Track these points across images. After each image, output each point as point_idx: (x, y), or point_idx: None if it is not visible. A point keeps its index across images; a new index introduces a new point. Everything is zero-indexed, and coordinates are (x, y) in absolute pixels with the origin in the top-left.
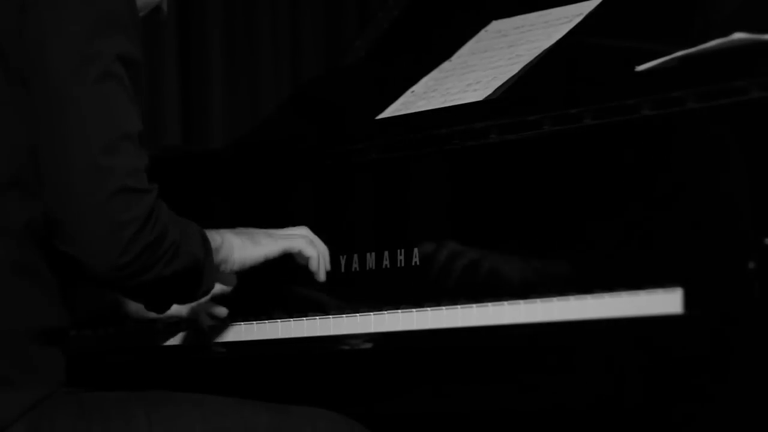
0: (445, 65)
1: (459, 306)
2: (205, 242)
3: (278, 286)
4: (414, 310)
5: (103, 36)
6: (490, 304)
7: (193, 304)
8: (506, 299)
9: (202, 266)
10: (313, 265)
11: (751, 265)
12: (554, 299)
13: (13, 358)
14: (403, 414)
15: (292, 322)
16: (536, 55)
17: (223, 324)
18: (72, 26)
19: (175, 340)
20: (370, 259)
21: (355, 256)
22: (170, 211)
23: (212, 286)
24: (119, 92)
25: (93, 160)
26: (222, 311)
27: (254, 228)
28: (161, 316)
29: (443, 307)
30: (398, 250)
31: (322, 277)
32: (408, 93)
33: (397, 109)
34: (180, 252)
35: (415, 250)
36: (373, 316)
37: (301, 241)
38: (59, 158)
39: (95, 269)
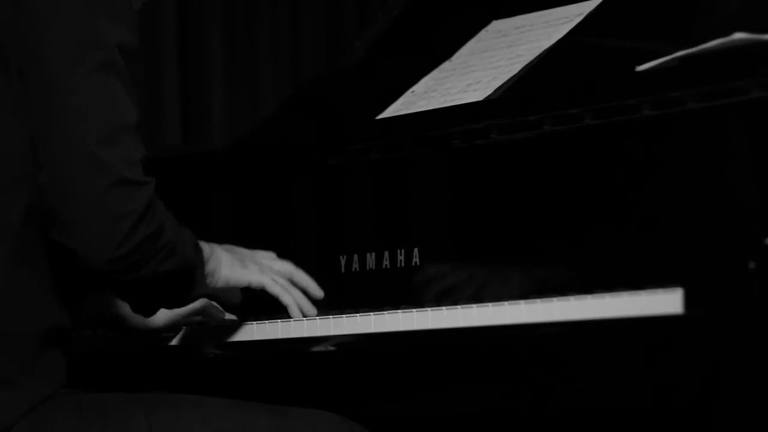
0: (446, 65)
1: (459, 306)
2: (197, 249)
3: None
4: (414, 310)
5: (101, 25)
6: (490, 304)
7: (197, 304)
8: (506, 299)
9: (194, 271)
10: (285, 304)
11: (752, 265)
12: (554, 299)
13: (14, 359)
14: (403, 414)
15: (293, 322)
16: (536, 55)
17: (224, 324)
18: (70, 15)
19: (175, 341)
20: (370, 259)
21: (355, 256)
22: (166, 210)
23: (202, 293)
24: (117, 82)
25: (91, 151)
26: (222, 313)
27: (245, 249)
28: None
29: (443, 307)
30: (398, 250)
31: (294, 314)
32: (408, 93)
33: (397, 109)
34: (176, 251)
35: (415, 250)
36: (373, 316)
37: (277, 287)
38: (57, 149)
39: (92, 261)
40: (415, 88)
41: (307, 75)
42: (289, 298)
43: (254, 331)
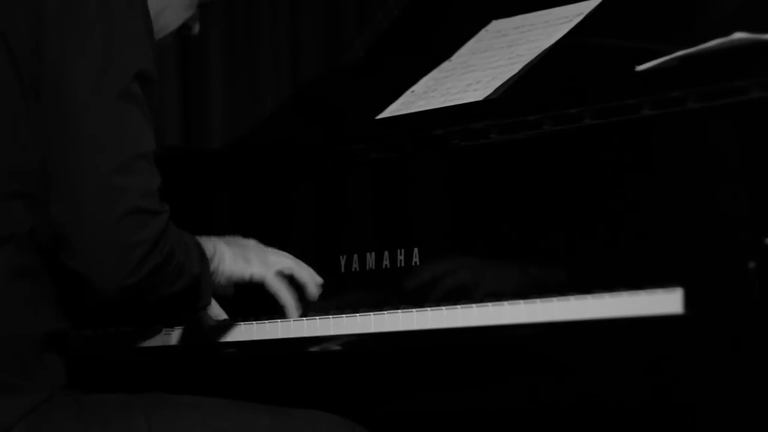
0: (445, 65)
1: (459, 306)
2: (203, 257)
3: None
4: (414, 310)
5: (122, 53)
6: (490, 304)
7: None
8: (506, 299)
9: (199, 283)
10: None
11: (752, 265)
12: (554, 299)
13: (13, 363)
14: (403, 415)
15: (292, 322)
16: (536, 54)
17: (224, 324)
18: (91, 41)
19: (175, 341)
20: (370, 259)
21: (355, 256)
22: (175, 228)
23: (209, 301)
24: (135, 111)
25: (106, 179)
26: (222, 314)
27: (250, 240)
28: None
29: (443, 307)
30: (398, 250)
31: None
32: (408, 93)
33: (397, 109)
34: (183, 272)
35: (415, 250)
36: (373, 316)
37: (277, 285)
38: (72, 175)
39: (100, 288)
40: (415, 88)
41: (307, 75)
42: (287, 298)
43: (254, 331)
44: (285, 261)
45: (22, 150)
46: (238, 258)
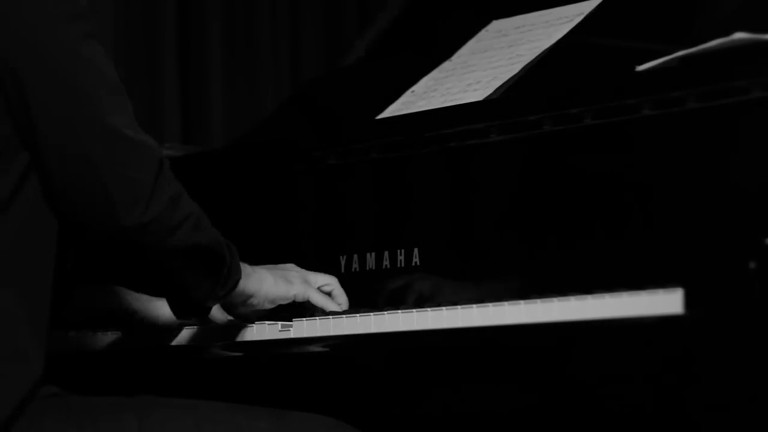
0: (446, 65)
1: (459, 306)
2: (229, 245)
3: None
4: (414, 310)
5: None
6: (490, 304)
7: None
8: (506, 299)
9: (229, 261)
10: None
11: (752, 265)
12: (554, 299)
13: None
14: (403, 416)
15: (292, 322)
16: (537, 54)
17: (223, 325)
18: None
19: (173, 341)
20: (370, 259)
21: (355, 256)
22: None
23: (238, 279)
24: (100, 48)
25: (99, 120)
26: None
27: (289, 264)
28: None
29: (443, 308)
30: (398, 250)
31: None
32: (408, 93)
33: (397, 109)
34: (202, 223)
35: (415, 250)
36: (373, 316)
37: (323, 299)
38: (64, 125)
39: (122, 228)
40: (415, 88)
41: (307, 75)
42: (335, 306)
43: (254, 331)
44: (325, 278)
45: None
46: (279, 280)
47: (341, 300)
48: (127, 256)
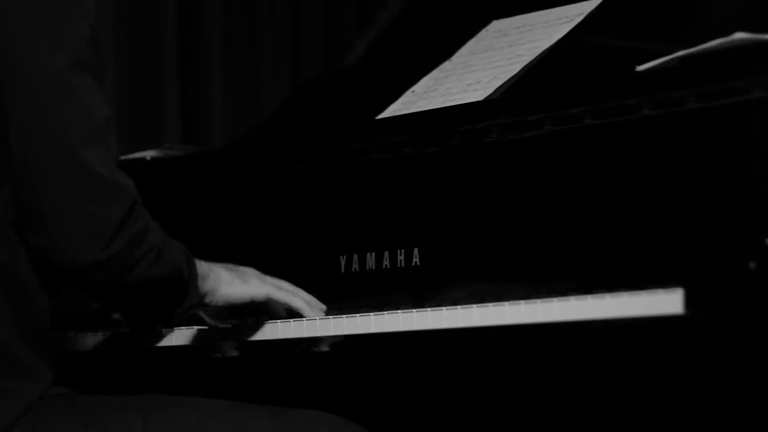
0: (446, 65)
1: (459, 306)
2: (189, 259)
3: None
4: (414, 310)
5: (69, 18)
6: (490, 304)
7: None
8: (506, 299)
9: (186, 281)
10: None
11: (752, 265)
12: (555, 299)
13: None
14: (403, 415)
15: (292, 323)
16: (537, 54)
17: (223, 325)
18: (40, 13)
19: (175, 341)
20: (370, 259)
21: (355, 256)
22: (150, 217)
23: (195, 302)
24: (90, 80)
25: (70, 153)
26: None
27: (245, 267)
28: None
29: (443, 308)
30: (398, 250)
31: (308, 313)
32: (408, 93)
33: (397, 109)
34: (163, 255)
35: (415, 250)
36: (373, 316)
37: (285, 294)
38: (34, 151)
39: (74, 265)
40: (415, 88)
41: (307, 75)
42: (299, 301)
43: (253, 331)
44: (283, 282)
45: None
46: (235, 280)
47: (304, 295)
48: (82, 288)
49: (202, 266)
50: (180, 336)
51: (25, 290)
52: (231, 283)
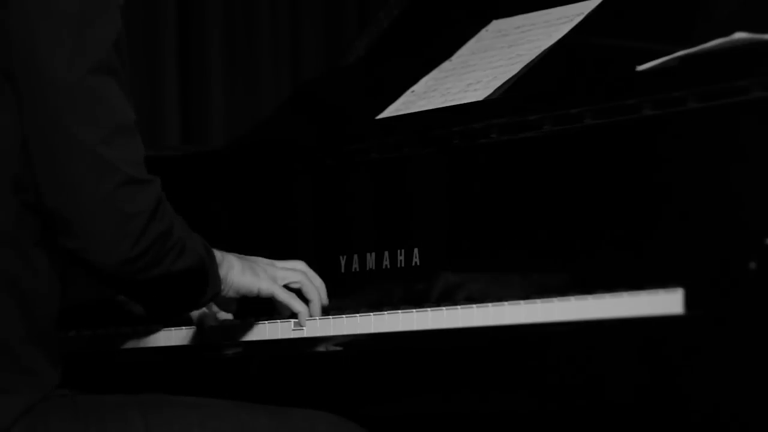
0: (446, 65)
1: (459, 306)
2: (207, 248)
3: None
4: (414, 310)
5: (94, 24)
6: (490, 304)
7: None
8: (507, 299)
9: (207, 269)
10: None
11: (752, 265)
12: (555, 299)
13: (4, 361)
14: (403, 415)
15: (292, 323)
16: (537, 54)
17: (224, 325)
18: (61, 14)
19: (175, 341)
20: (370, 259)
21: (355, 256)
22: (174, 212)
23: (217, 291)
24: (112, 82)
25: (94, 153)
26: (225, 315)
27: (260, 258)
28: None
29: (443, 308)
30: (398, 250)
31: (302, 320)
32: (408, 93)
33: (397, 109)
34: (186, 248)
35: (415, 250)
36: (373, 316)
37: (287, 296)
38: (59, 154)
39: (105, 263)
40: (415, 88)
41: (307, 75)
42: (299, 305)
43: (253, 331)
44: (294, 275)
45: (2, 140)
46: (246, 270)
47: (312, 296)
48: (110, 284)
49: (216, 254)
50: (179, 336)
51: (34, 293)
52: (242, 273)
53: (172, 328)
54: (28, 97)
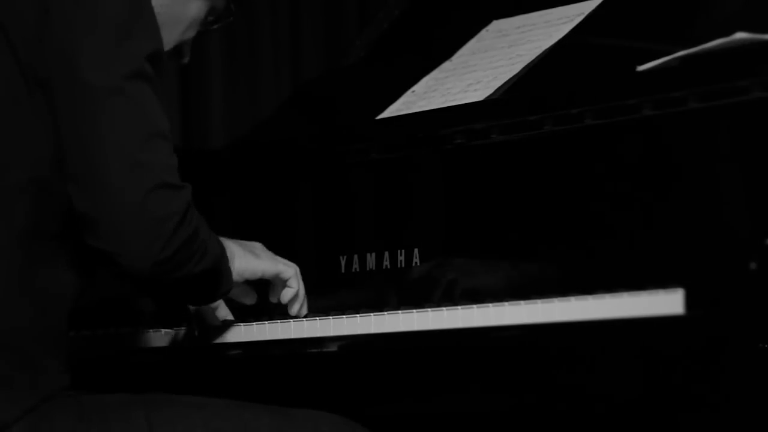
0: (446, 65)
1: (459, 307)
2: (222, 246)
3: None
4: (414, 310)
5: (132, 35)
6: (490, 304)
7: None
8: (507, 300)
9: (221, 265)
10: (288, 297)
11: (752, 265)
12: (555, 300)
13: (14, 358)
14: (404, 415)
15: (293, 323)
16: (537, 54)
17: (225, 325)
18: (102, 24)
19: (177, 341)
20: (370, 259)
21: (355, 257)
22: (199, 215)
23: (230, 287)
24: (148, 90)
25: (131, 158)
26: (228, 314)
27: (254, 242)
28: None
29: (443, 308)
30: (398, 251)
31: (294, 310)
32: (408, 93)
33: (397, 109)
34: (208, 250)
35: (415, 250)
36: (373, 316)
37: (292, 271)
38: (95, 158)
39: (135, 266)
40: (415, 88)
41: (307, 75)
42: (297, 283)
43: (254, 332)
44: (288, 267)
45: (33, 145)
46: (247, 254)
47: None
48: (137, 284)
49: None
50: (179, 336)
51: (47, 293)
52: (243, 257)
53: (173, 329)
54: (65, 103)
